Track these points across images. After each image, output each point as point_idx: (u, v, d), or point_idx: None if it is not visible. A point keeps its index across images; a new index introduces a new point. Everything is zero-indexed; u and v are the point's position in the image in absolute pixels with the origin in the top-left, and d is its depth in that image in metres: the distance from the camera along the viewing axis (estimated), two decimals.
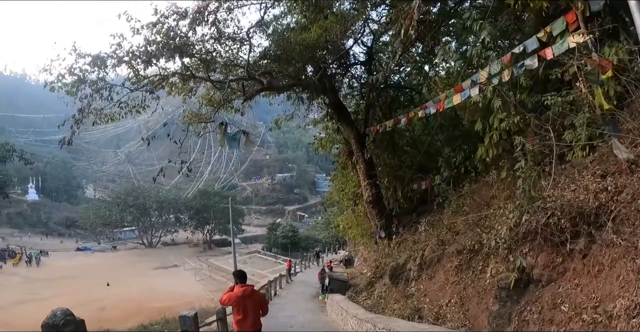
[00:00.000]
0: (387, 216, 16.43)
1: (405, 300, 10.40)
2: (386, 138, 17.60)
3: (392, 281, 11.87)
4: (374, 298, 13.75)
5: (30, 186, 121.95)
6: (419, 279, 10.84)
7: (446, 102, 10.39)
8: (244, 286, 7.49)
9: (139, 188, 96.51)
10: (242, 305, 7.27)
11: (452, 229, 10.92)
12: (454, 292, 8.83)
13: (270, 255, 63.83)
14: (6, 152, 22.23)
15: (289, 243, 70.59)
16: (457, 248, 9.56)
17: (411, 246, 12.88)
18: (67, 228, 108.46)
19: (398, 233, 15.82)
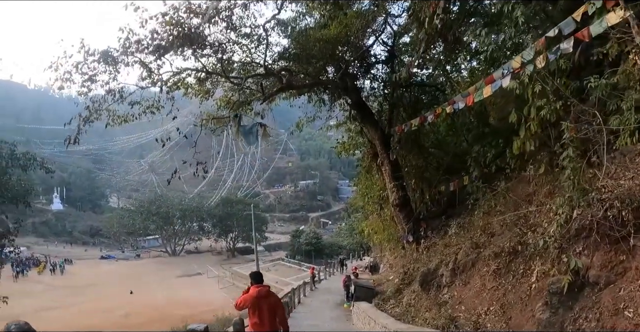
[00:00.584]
0: (414, 220, 15.67)
1: (438, 308, 9.66)
2: (411, 139, 16.91)
3: (423, 287, 11.12)
4: (402, 306, 13.02)
5: (55, 195, 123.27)
6: (452, 285, 10.09)
7: (476, 95, 9.63)
8: (259, 286, 7.16)
9: (162, 197, 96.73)
10: (257, 307, 6.97)
11: (487, 231, 10.19)
12: (493, 299, 8.08)
13: (294, 262, 63.34)
14: (27, 161, 22.06)
15: (312, 250, 69.78)
16: (494, 251, 8.82)
17: (442, 250, 12.11)
18: (91, 237, 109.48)
19: (427, 237, 15.06)
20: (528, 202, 9.27)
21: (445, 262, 10.68)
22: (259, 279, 7.33)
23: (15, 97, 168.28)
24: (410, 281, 14.29)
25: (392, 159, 15.79)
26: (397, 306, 13.58)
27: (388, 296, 15.10)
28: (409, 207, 15.96)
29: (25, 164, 22.35)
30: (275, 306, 7.23)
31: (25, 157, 22.46)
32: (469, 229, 11.81)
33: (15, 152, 21.99)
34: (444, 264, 10.69)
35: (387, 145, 16.09)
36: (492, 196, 11.05)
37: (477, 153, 13.33)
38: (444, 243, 12.49)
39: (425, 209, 16.28)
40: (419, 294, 12.04)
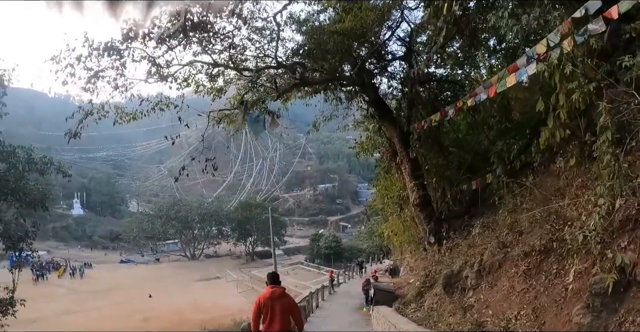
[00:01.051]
0: (436, 220, 15.01)
1: (463, 312, 9.03)
2: (431, 137, 16.33)
3: (446, 290, 10.49)
4: (424, 310, 12.39)
5: (75, 200, 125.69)
6: (477, 287, 9.47)
7: (499, 85, 9.05)
8: (274, 287, 7.09)
9: (180, 201, 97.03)
10: (269, 307, 6.85)
11: (514, 229, 9.57)
12: (524, 302, 7.45)
13: (313, 266, 62.83)
14: (44, 165, 21.92)
15: (332, 254, 69.07)
16: (523, 250, 8.21)
17: (466, 250, 11.48)
18: (111, 241, 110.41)
19: (449, 238, 14.42)
20: (558, 197, 8.66)
21: (470, 263, 10.05)
22: (274, 280, 7.24)
23: (36, 106, 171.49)
24: (432, 284, 13.66)
25: (411, 157, 15.19)
26: (418, 310, 12.96)
27: (409, 300, 14.45)
28: (430, 207, 15.32)
29: (42, 168, 22.23)
30: (290, 307, 7.06)
31: (42, 161, 22.31)
32: (493, 229, 11.23)
33: (32, 157, 21.82)
34: (468, 266, 10.07)
35: (407, 144, 15.49)
36: (518, 192, 10.49)
37: (501, 149, 12.72)
38: (468, 244, 11.86)
39: (446, 209, 15.54)
40: (442, 298, 11.42)
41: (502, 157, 12.24)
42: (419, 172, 15.44)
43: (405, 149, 15.39)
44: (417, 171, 15.43)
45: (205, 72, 14.14)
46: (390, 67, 18.49)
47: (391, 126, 16.13)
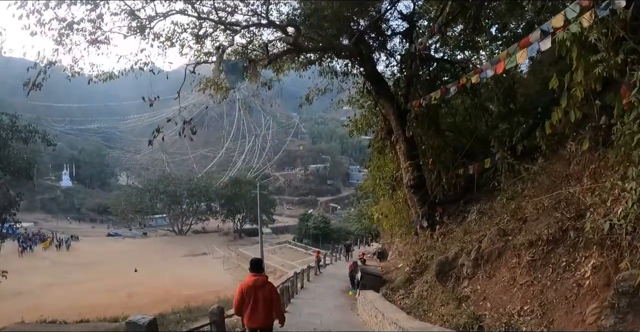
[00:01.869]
0: (430, 203, 14.26)
1: (457, 303, 8.30)
2: (429, 117, 15.58)
3: (439, 278, 9.75)
4: (413, 297, 11.71)
5: (64, 172, 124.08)
6: (473, 277, 8.75)
7: (508, 61, 8.20)
8: (257, 275, 6.98)
9: (170, 175, 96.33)
10: (252, 295, 6.76)
11: (517, 216, 8.80)
12: (527, 297, 6.71)
13: (300, 246, 62.44)
14: (28, 133, 21.17)
15: (320, 234, 68.63)
16: (528, 239, 7.47)
17: (461, 237, 10.74)
18: (99, 214, 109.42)
19: (442, 223, 13.71)
20: (568, 183, 7.90)
21: (466, 250, 9.31)
22: (257, 267, 7.13)
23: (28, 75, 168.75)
24: (423, 271, 12.97)
25: (408, 136, 14.42)
26: (407, 297, 12.29)
27: (397, 286, 13.76)
28: (424, 190, 14.56)
29: (26, 136, 21.50)
30: (271, 296, 6.94)
31: (27, 130, 21.55)
32: (491, 215, 10.56)
33: (16, 124, 21.01)
34: (464, 253, 9.32)
35: (403, 122, 14.71)
36: (519, 178, 9.81)
37: (502, 133, 11.98)
38: (464, 230, 11.14)
39: (441, 193, 14.82)
40: (433, 286, 10.74)
41: (503, 141, 11.55)
42: (414, 152, 14.65)
43: (401, 128, 14.60)
44: (413, 151, 14.65)
45: (191, 32, 13.09)
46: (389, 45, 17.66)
47: (388, 103, 15.27)
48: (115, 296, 36.35)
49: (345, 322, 13.01)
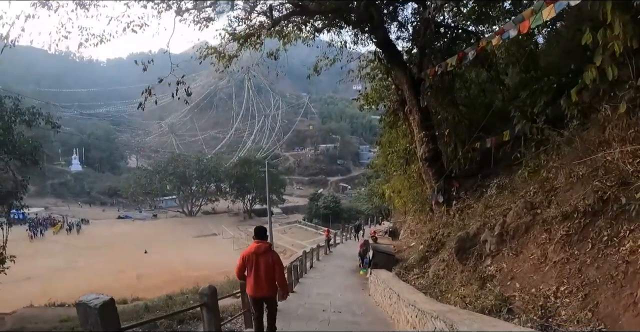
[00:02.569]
0: (446, 178, 13.41)
1: (480, 283, 7.49)
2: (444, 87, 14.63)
3: (458, 256, 8.94)
4: (428, 277, 10.97)
5: (74, 157, 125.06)
6: (497, 254, 7.94)
7: (534, 19, 7.38)
8: (259, 242, 6.77)
9: (179, 156, 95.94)
10: (254, 263, 6.59)
11: (544, 188, 7.94)
12: (563, 276, 5.89)
13: (310, 225, 62.22)
14: (32, 115, 20.73)
15: (330, 214, 68.13)
16: (561, 211, 6.61)
17: (482, 211, 9.91)
18: (109, 197, 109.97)
19: (459, 198, 12.88)
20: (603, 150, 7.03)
21: (489, 226, 8.48)
22: (261, 234, 6.90)
23: (36, 63, 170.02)
24: (439, 249, 12.20)
25: (422, 105, 13.50)
26: (421, 277, 11.55)
27: (411, 265, 13.03)
28: (439, 163, 13.69)
29: (30, 119, 21.05)
30: (274, 264, 6.71)
31: (30, 112, 21.08)
32: (512, 189, 9.69)
33: (19, 107, 20.54)
34: (487, 229, 8.49)
35: (417, 92, 13.82)
36: (543, 150, 9.01)
37: (523, 102, 11.07)
38: (485, 204, 10.28)
39: (457, 167, 13.93)
40: (451, 264, 9.97)
41: (525, 111, 10.60)
42: (429, 122, 13.75)
43: (415, 97, 13.71)
44: (427, 121, 13.76)
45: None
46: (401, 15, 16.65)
47: (400, 72, 14.34)
48: (124, 278, 36.69)
49: (357, 303, 12.23)
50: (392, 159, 19.05)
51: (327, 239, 29.88)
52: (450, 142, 14.10)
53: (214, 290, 6.20)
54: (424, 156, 13.45)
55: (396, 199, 22.48)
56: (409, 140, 15.88)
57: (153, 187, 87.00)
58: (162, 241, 58.01)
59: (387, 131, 19.84)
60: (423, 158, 13.55)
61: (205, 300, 6.05)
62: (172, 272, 39.06)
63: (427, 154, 13.38)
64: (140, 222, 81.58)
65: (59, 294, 27.14)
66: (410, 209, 18.37)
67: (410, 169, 16.38)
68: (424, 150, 13.40)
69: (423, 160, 13.63)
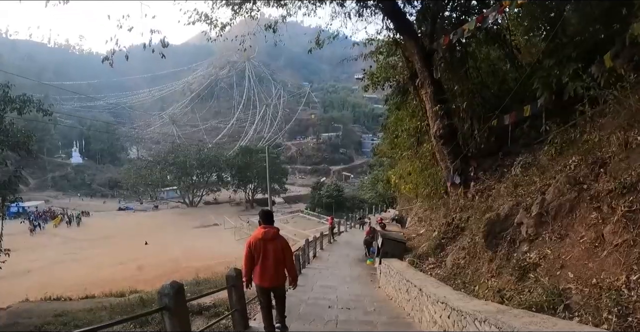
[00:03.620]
0: (462, 157, 12.14)
1: (520, 274, 6.19)
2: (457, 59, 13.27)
3: (488, 242, 7.67)
4: (446, 267, 9.77)
5: (74, 149, 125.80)
6: (536, 239, 6.64)
7: None
8: (267, 227, 6.27)
9: (179, 146, 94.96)
10: (262, 250, 6.14)
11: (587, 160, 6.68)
12: (630, 262, 4.63)
13: (313, 215, 61.29)
14: (22, 103, 19.95)
15: (333, 203, 66.83)
16: (620, 183, 5.34)
17: (512, 190, 8.65)
18: (110, 189, 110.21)
19: (478, 179, 11.61)
20: None
21: (524, 206, 7.19)
22: (268, 218, 6.43)
23: (36, 56, 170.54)
24: (456, 235, 10.99)
25: (436, 77, 12.21)
26: (438, 267, 10.34)
27: (425, 253, 11.78)
28: (455, 141, 12.38)
29: (21, 107, 20.29)
30: (283, 250, 6.31)
31: (20, 100, 20.29)
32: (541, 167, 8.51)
33: (9, 95, 19.75)
34: (522, 208, 7.20)
35: (429, 63, 12.52)
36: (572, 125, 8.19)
37: (548, 72, 9.82)
38: (514, 183, 8.97)
39: (474, 146, 12.64)
40: (473, 252, 8.78)
41: (549, 83, 9.51)
42: (443, 96, 12.45)
43: (427, 69, 12.42)
44: (441, 95, 12.44)
45: None
46: None
47: (411, 42, 13.02)
48: (125, 270, 36.33)
49: (366, 297, 11.02)
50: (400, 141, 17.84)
51: (331, 227, 28.64)
52: (466, 118, 12.77)
53: (178, 289, 4.57)
54: (438, 133, 12.15)
55: (402, 185, 21.27)
56: (420, 118, 14.59)
57: (153, 178, 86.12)
58: (163, 232, 57.66)
59: (394, 113, 18.74)
60: (437, 135, 12.24)
61: (166, 302, 4.50)
62: (173, 263, 38.66)
63: (441, 131, 12.08)
64: (141, 213, 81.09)
65: (59, 287, 26.78)
66: (422, 192, 16.95)
67: (422, 149, 15.06)
68: (438, 127, 12.10)
69: (437, 138, 12.32)
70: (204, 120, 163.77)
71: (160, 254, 43.08)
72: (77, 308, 21.31)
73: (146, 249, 46.95)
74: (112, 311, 18.60)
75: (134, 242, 49.62)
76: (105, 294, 24.87)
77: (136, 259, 40.58)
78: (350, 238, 28.75)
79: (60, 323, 13.41)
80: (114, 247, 47.51)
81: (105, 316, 17.42)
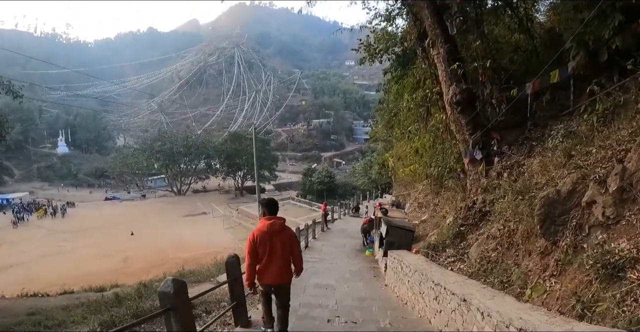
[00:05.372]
0: (484, 129, 10.16)
1: (607, 274, 4.24)
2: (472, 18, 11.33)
3: (544, 229, 5.66)
4: (470, 261, 7.91)
5: (60, 139, 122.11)
6: (618, 223, 4.68)
7: None
8: (272, 218, 5.49)
9: (166, 133, 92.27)
10: (268, 244, 5.35)
11: None
12: None
13: (304, 202, 59.38)
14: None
15: (324, 189, 65.09)
16: None
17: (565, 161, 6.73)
18: (97, 179, 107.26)
19: (503, 154, 9.67)
20: None
21: (595, 178, 5.21)
22: (272, 209, 5.63)
23: (22, 46, 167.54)
24: (479, 221, 9.09)
25: (452, 33, 10.22)
26: (459, 260, 8.44)
27: (441, 243, 9.79)
28: (474, 109, 10.35)
29: None
30: (292, 243, 5.59)
31: None
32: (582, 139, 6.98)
33: None
34: (593, 182, 5.21)
35: (441, 20, 10.49)
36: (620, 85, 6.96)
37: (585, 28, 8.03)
38: (565, 152, 7.00)
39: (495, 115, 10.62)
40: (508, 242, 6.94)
41: (585, 41, 8.08)
42: (458, 56, 10.44)
43: (439, 26, 10.44)
44: (457, 54, 10.44)
45: None
46: None
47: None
48: (110, 262, 35.81)
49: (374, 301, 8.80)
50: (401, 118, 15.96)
51: (325, 214, 26.51)
52: (486, 83, 10.67)
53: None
54: (455, 99, 10.08)
55: (401, 168, 19.50)
56: (429, 86, 12.56)
57: (140, 166, 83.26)
58: (150, 221, 55.87)
59: (393, 87, 17.12)
60: (453, 102, 10.16)
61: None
62: (159, 254, 37.50)
63: (458, 97, 10.03)
64: (128, 203, 78.58)
65: (41, 282, 26.47)
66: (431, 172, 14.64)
67: (433, 121, 12.97)
68: (454, 92, 10.05)
69: (453, 105, 10.24)
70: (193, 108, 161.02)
71: (147, 245, 41.89)
72: (53, 305, 20.24)
73: (132, 240, 45.70)
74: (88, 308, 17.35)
75: (120, 233, 48.28)
76: (85, 289, 24.07)
77: (122, 251, 39.58)
78: (345, 226, 26.74)
79: (32, 323, 12.39)
80: (99, 239, 46.15)
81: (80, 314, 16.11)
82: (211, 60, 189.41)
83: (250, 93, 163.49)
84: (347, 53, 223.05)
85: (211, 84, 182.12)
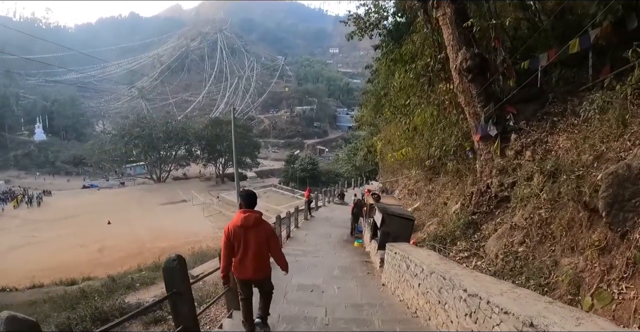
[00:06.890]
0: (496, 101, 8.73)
1: None
2: None
3: (611, 215, 4.22)
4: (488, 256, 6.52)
5: (37, 125, 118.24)
6: None
7: None
8: (248, 211, 5.13)
9: (144, 118, 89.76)
10: (242, 239, 5.04)
11: None
12: None
13: (287, 189, 58.76)
14: None
15: (307, 177, 63.95)
16: None
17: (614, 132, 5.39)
18: (75, 166, 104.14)
19: (520, 130, 8.26)
20: None
21: None
22: (250, 201, 5.25)
23: None
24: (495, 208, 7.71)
25: None
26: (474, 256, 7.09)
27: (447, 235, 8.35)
28: (485, 79, 8.88)
29: None
30: (268, 238, 5.18)
31: None
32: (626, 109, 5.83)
33: None
34: None
35: None
36: None
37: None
38: (619, 119, 5.66)
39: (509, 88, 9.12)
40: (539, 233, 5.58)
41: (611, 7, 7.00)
42: (468, 16, 8.97)
43: None
44: (466, 15, 8.98)
45: None
46: None
47: None
48: (85, 253, 35.30)
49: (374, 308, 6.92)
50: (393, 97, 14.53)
51: (308, 201, 24.88)
52: (499, 50, 9.16)
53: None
54: (465, 65, 8.56)
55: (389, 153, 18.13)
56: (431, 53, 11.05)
57: (119, 153, 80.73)
58: (128, 210, 54.64)
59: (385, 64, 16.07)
60: (463, 68, 8.64)
61: None
62: (137, 244, 37.06)
63: (468, 62, 8.53)
64: (106, 191, 76.84)
65: (14, 275, 26.35)
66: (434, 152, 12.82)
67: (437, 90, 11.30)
68: (463, 57, 8.56)
69: (463, 72, 8.72)
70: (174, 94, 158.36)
71: (124, 234, 40.96)
72: (21, 300, 19.38)
73: (109, 229, 44.49)
74: (55, 303, 16.37)
75: (97, 222, 47.01)
76: (55, 282, 23.78)
77: (98, 241, 38.74)
78: (330, 214, 25.18)
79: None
80: (75, 228, 44.84)
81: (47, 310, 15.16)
82: (193, 45, 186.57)
83: (233, 79, 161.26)
84: (332, 41, 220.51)
85: (193, 69, 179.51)
